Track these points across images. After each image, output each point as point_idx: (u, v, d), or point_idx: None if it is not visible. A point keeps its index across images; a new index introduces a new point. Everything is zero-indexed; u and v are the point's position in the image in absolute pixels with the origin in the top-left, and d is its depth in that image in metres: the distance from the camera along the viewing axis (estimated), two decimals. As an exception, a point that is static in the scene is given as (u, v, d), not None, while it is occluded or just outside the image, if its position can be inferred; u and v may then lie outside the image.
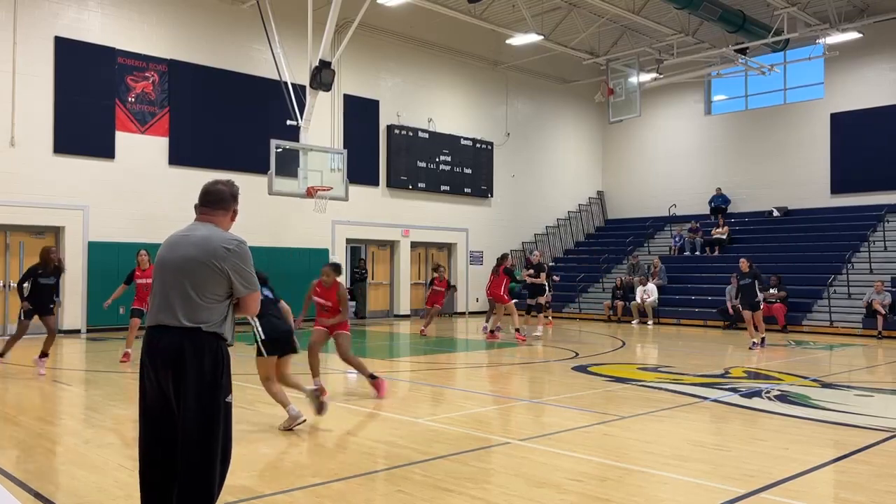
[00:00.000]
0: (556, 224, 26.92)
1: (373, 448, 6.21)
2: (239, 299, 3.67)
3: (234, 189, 3.85)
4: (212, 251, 3.57)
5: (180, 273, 3.57)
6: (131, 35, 17.09)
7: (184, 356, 3.48)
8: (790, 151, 23.80)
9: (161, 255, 3.72)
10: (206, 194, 3.81)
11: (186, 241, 3.66)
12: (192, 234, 3.68)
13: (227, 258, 3.57)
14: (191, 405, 3.47)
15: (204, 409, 3.48)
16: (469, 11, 19.28)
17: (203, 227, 3.71)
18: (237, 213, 3.83)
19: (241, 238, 3.69)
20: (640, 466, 5.58)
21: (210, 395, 3.50)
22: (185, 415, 3.48)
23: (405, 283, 22.59)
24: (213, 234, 3.65)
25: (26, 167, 15.54)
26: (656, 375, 10.59)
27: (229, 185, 3.85)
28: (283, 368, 7.01)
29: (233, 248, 3.60)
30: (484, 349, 14.56)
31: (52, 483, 5.16)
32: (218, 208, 3.78)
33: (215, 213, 3.78)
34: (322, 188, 15.54)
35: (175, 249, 3.66)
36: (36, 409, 7.85)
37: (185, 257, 3.59)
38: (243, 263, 3.63)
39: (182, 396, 3.48)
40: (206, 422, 3.48)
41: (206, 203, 3.79)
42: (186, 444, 3.47)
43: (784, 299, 18.28)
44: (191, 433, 3.47)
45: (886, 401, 8.92)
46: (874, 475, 5.38)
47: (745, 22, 19.80)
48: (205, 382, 3.50)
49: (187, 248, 3.62)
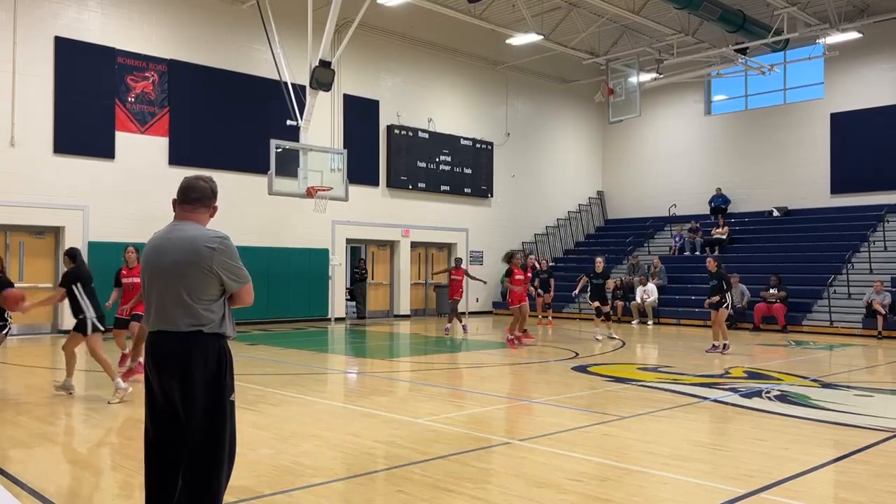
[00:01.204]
0: (556, 224, 26.91)
1: (373, 448, 6.21)
2: (233, 294, 3.66)
3: (214, 185, 3.79)
4: (198, 253, 3.54)
5: (172, 279, 3.55)
6: (131, 35, 17.09)
7: (189, 360, 3.48)
8: (790, 151, 23.80)
9: (149, 260, 3.67)
10: (188, 190, 3.72)
11: (172, 246, 3.60)
12: (177, 236, 3.62)
13: (214, 258, 3.54)
14: (197, 407, 3.48)
15: (210, 410, 3.49)
16: (469, 11, 19.28)
17: (185, 227, 3.65)
18: (217, 209, 3.78)
19: (223, 234, 3.65)
20: (640, 466, 5.58)
21: (216, 396, 3.51)
22: (192, 416, 3.48)
23: (405, 284, 22.58)
24: (196, 235, 3.60)
25: (26, 167, 15.54)
26: (656, 375, 10.59)
27: (209, 182, 3.78)
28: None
29: (216, 245, 3.56)
30: (484, 349, 14.56)
31: (52, 483, 5.16)
32: (200, 205, 3.72)
33: (196, 210, 3.72)
34: (322, 188, 15.54)
35: (163, 254, 3.61)
36: (36, 409, 7.85)
37: (174, 263, 3.55)
38: (230, 259, 3.59)
39: (188, 399, 3.48)
40: (212, 423, 3.49)
41: (187, 200, 3.71)
42: (194, 445, 3.48)
43: (784, 299, 18.28)
44: (198, 434, 3.47)
45: (886, 401, 8.92)
46: (874, 475, 5.38)
47: (745, 22, 19.80)
48: (210, 384, 3.50)
49: (175, 254, 3.57)
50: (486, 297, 24.58)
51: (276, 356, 12.68)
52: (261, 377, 9.95)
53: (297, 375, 10.48)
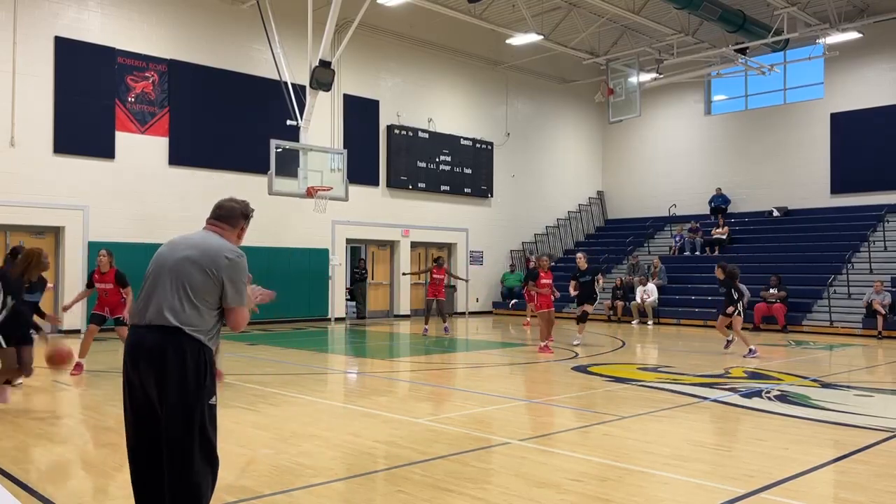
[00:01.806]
0: (556, 224, 26.91)
1: (373, 448, 6.21)
2: (227, 311, 3.67)
3: (246, 209, 3.95)
4: (212, 256, 3.62)
5: (177, 272, 3.59)
6: (131, 35, 17.09)
7: (166, 356, 3.47)
8: (790, 151, 23.80)
9: (160, 253, 3.75)
10: (217, 208, 3.92)
11: (187, 243, 3.72)
12: (195, 239, 3.75)
13: (225, 267, 3.62)
14: (174, 407, 3.46)
15: (187, 410, 3.47)
16: (469, 11, 19.28)
17: (206, 235, 3.79)
18: (245, 231, 3.91)
19: (241, 252, 3.76)
20: (640, 466, 5.58)
21: (194, 396, 3.50)
22: (169, 416, 3.47)
23: (405, 284, 22.57)
24: (216, 241, 3.73)
25: (26, 167, 15.54)
26: (656, 375, 10.58)
27: (243, 205, 3.96)
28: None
29: (233, 258, 3.67)
30: (484, 350, 14.56)
31: (52, 483, 5.16)
32: (225, 223, 3.87)
33: (221, 226, 3.86)
34: (322, 188, 15.54)
35: (175, 249, 3.71)
36: (36, 409, 7.85)
37: (184, 258, 3.62)
38: (238, 274, 3.68)
39: (165, 397, 3.47)
40: (189, 423, 3.47)
41: (215, 216, 3.89)
42: (170, 445, 3.47)
43: (784, 299, 18.28)
44: (174, 434, 3.46)
45: (886, 401, 8.92)
46: (874, 475, 5.38)
47: (745, 22, 19.80)
48: (188, 384, 3.49)
49: (187, 250, 3.66)
50: (486, 297, 24.59)
51: (276, 356, 12.67)
52: (261, 377, 9.95)
53: (297, 375, 10.47)
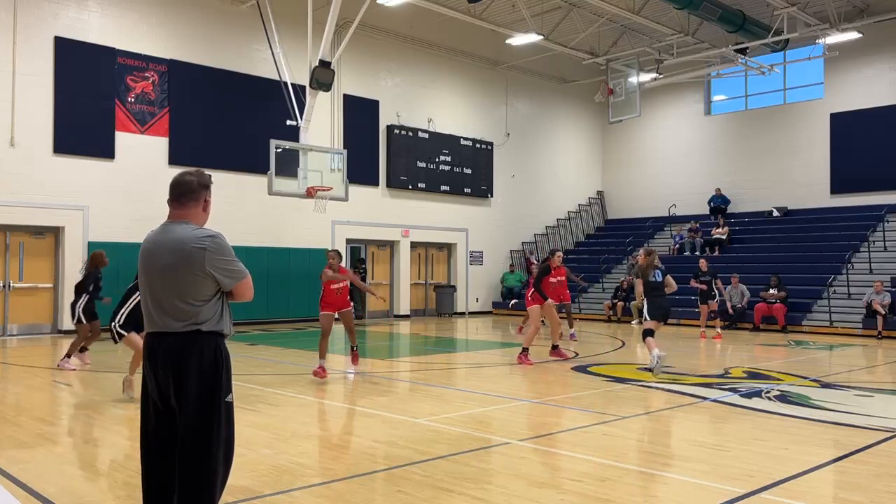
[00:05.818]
0: (556, 224, 26.91)
1: (373, 448, 6.20)
2: (232, 290, 3.62)
3: (203, 178, 3.69)
4: (188, 256, 3.48)
5: (165, 282, 3.52)
6: (131, 35, 17.09)
7: (184, 357, 3.47)
8: (790, 151, 23.80)
9: (142, 264, 3.65)
10: (175, 187, 3.66)
11: (163, 249, 3.55)
12: (167, 238, 3.58)
13: (206, 258, 3.49)
14: (192, 406, 3.46)
15: (205, 409, 3.47)
16: (469, 11, 19.28)
17: (175, 228, 3.59)
18: (209, 203, 3.70)
19: (213, 232, 3.57)
20: (640, 466, 5.58)
21: (210, 395, 3.49)
22: (186, 415, 3.47)
23: (405, 284, 22.58)
24: (185, 237, 3.53)
25: (26, 167, 15.54)
26: (656, 376, 10.57)
27: (198, 175, 3.69)
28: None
29: (207, 245, 3.49)
30: (484, 350, 14.56)
31: (52, 483, 5.16)
32: (188, 200, 3.64)
33: (186, 206, 3.65)
34: (322, 188, 15.54)
35: (154, 259, 3.58)
36: (36, 409, 7.85)
37: (166, 266, 3.52)
38: (223, 257, 3.53)
39: (183, 397, 3.47)
40: (207, 422, 3.47)
41: (175, 198, 3.65)
42: (187, 444, 3.46)
43: (784, 299, 18.27)
44: (192, 433, 3.46)
45: (886, 401, 8.92)
46: (874, 475, 5.38)
47: (744, 22, 19.80)
48: (205, 383, 3.49)
49: (165, 257, 3.53)
50: (486, 297, 24.60)
51: (275, 356, 12.68)
52: (261, 377, 9.96)
53: (297, 375, 10.47)
